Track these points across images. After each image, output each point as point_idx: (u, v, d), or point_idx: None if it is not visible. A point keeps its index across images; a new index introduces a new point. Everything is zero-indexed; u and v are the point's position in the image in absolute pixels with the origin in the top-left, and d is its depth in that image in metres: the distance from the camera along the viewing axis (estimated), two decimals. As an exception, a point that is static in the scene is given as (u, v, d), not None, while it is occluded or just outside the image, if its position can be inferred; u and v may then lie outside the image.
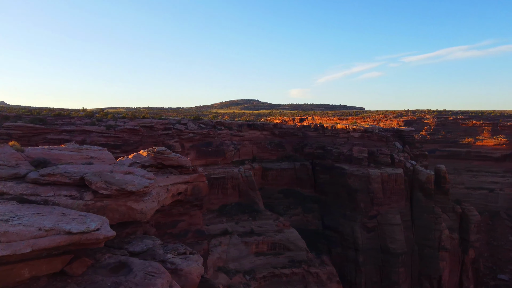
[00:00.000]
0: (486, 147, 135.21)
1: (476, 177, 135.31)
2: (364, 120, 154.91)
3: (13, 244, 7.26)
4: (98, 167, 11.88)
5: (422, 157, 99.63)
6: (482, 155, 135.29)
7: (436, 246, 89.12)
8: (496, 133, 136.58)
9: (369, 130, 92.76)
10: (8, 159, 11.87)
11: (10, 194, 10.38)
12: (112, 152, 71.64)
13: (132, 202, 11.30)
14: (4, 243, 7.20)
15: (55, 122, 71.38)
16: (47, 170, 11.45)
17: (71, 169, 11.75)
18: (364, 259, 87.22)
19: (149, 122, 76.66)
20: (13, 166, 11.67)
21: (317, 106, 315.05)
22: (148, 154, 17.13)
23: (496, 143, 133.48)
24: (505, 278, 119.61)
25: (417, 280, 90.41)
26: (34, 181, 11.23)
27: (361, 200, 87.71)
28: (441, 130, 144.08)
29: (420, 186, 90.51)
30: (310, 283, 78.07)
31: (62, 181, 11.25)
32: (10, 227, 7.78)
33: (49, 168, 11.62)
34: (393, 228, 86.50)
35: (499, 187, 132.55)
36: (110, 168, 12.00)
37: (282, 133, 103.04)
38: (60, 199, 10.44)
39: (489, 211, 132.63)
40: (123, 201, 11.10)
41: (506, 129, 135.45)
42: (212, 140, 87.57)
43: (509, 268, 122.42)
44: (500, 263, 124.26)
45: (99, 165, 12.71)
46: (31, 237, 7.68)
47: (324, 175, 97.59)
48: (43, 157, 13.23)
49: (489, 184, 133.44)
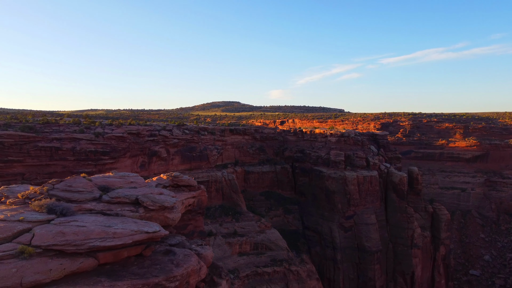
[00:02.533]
0: (458, 149, 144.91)
1: (449, 177, 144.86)
2: (342, 123, 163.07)
3: (121, 238, 13.02)
4: (141, 191, 17.79)
5: (396, 159, 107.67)
6: (455, 156, 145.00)
7: (409, 244, 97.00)
8: (468, 135, 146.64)
9: (345, 134, 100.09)
10: (86, 187, 17.66)
11: (95, 210, 16.09)
12: (100, 158, 76.44)
13: (166, 213, 17.11)
14: (116, 238, 12.97)
15: (45, 130, 75.39)
16: (113, 194, 17.28)
17: (127, 192, 17.56)
18: (341, 257, 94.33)
19: (135, 129, 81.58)
20: (90, 192, 17.48)
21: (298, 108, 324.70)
22: (167, 177, 22.87)
23: (467, 145, 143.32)
24: (477, 274, 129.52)
25: (392, 276, 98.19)
26: (107, 201, 16.94)
27: (338, 201, 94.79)
28: (416, 133, 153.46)
29: (394, 187, 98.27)
30: (291, 281, 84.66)
31: (124, 201, 17.03)
32: (116, 230, 13.56)
33: (114, 192, 17.46)
34: (368, 227, 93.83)
35: (470, 186, 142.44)
36: (149, 191, 17.91)
37: (263, 138, 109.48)
38: (125, 213, 16.15)
39: (461, 210, 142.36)
40: (161, 213, 16.92)
41: (477, 131, 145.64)
42: (196, 145, 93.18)
43: (480, 264, 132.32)
44: (472, 259, 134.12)
45: (141, 188, 18.62)
46: (128, 234, 13.43)
47: (303, 178, 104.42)
48: (105, 184, 19.03)
49: (461, 184, 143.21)
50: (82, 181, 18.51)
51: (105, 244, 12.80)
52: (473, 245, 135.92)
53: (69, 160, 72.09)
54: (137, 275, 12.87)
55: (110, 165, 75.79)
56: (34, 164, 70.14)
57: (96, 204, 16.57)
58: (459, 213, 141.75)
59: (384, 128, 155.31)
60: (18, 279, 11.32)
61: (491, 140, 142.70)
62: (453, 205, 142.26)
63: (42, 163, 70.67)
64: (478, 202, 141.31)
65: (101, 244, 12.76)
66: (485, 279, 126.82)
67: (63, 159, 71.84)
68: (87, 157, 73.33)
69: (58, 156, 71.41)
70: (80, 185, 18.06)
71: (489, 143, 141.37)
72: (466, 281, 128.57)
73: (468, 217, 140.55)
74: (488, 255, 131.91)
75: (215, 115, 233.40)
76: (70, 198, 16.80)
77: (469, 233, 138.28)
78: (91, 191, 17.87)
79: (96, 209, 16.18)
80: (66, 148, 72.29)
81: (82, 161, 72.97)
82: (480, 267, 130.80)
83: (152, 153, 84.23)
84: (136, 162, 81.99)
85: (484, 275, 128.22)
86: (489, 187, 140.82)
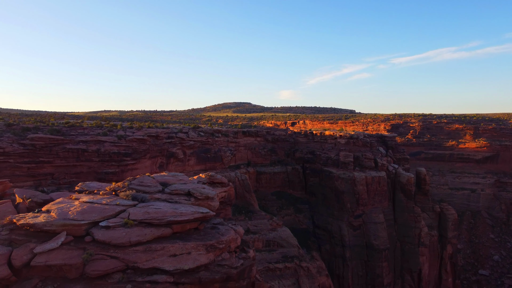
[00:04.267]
0: (468, 150, 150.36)
1: (459, 178, 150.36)
2: (353, 124, 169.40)
3: (186, 215, 19.82)
4: (190, 185, 24.79)
5: (404, 160, 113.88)
6: (465, 157, 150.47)
7: (416, 243, 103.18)
8: (478, 136, 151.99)
9: (354, 136, 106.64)
10: (152, 183, 24.79)
11: (161, 198, 23.03)
12: (123, 160, 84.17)
13: (209, 201, 23.92)
14: (183, 215, 19.79)
15: (71, 133, 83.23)
16: (171, 187, 24.32)
17: (181, 187, 24.55)
18: (350, 254, 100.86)
19: (154, 131, 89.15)
20: (156, 186, 24.53)
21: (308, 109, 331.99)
22: (205, 176, 29.87)
23: (477, 146, 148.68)
24: (486, 274, 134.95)
25: (399, 273, 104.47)
26: (169, 193, 23.87)
27: (347, 201, 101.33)
28: (426, 134, 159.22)
29: (402, 187, 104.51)
30: (301, 277, 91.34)
31: (180, 192, 23.92)
32: (181, 211, 20.45)
33: (172, 187, 24.49)
34: (376, 226, 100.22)
35: (480, 187, 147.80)
36: (195, 186, 24.92)
37: (274, 139, 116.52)
38: (181, 201, 23.02)
39: (471, 210, 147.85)
40: (206, 201, 23.72)
41: (487, 132, 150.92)
42: (211, 147, 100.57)
43: (489, 264, 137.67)
44: (481, 259, 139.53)
45: (188, 184, 25.66)
46: (190, 214, 20.23)
47: (313, 178, 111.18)
48: (163, 181, 26.13)
49: (471, 185, 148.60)
50: (149, 179, 25.64)
51: (177, 219, 19.72)
52: (482, 245, 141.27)
53: (94, 161, 79.37)
54: (198, 239, 19.71)
55: (131, 165, 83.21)
56: (62, 165, 77.32)
57: (161, 195, 23.55)
58: (469, 213, 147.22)
59: (394, 129, 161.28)
60: (127, 239, 18.28)
61: (501, 141, 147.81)
62: (463, 205, 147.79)
63: (69, 164, 77.85)
64: (488, 202, 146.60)
65: (174, 219, 19.68)
66: (494, 279, 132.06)
67: (89, 160, 79.08)
68: (110, 158, 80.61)
69: (84, 157, 78.66)
70: (148, 182, 25.16)
71: (499, 144, 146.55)
72: (476, 281, 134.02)
73: (478, 218, 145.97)
74: (497, 255, 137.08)
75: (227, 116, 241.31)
76: (144, 190, 23.86)
77: (478, 234, 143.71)
78: (156, 185, 24.90)
79: (162, 198, 23.12)
80: (92, 150, 79.70)
81: (106, 162, 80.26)
82: (490, 267, 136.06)
83: (170, 154, 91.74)
84: (155, 163, 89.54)
85: (493, 275, 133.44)
86: (499, 188, 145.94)
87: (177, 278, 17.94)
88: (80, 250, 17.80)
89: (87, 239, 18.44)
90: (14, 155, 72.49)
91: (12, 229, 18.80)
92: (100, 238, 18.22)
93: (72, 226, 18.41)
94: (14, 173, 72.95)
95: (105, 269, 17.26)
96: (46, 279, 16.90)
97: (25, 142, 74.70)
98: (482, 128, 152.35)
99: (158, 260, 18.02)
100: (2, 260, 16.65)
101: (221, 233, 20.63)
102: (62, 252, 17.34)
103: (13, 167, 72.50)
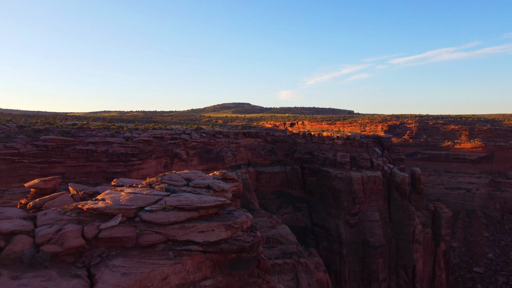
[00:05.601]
0: (463, 150, 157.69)
1: (455, 178, 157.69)
2: (351, 125, 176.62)
3: (209, 202, 26.27)
4: (208, 181, 31.39)
5: (399, 160, 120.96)
6: (460, 157, 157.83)
7: (411, 240, 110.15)
8: (473, 136, 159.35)
9: (351, 137, 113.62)
10: (178, 179, 31.51)
11: (187, 190, 29.55)
12: (130, 160, 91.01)
13: (224, 193, 30.43)
14: (207, 202, 26.27)
15: (80, 134, 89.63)
16: (194, 182, 30.95)
17: (201, 181, 31.16)
18: (347, 251, 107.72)
19: (159, 133, 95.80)
20: (181, 181, 31.20)
21: (307, 110, 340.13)
22: (219, 173, 36.57)
23: (473, 146, 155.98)
24: (480, 271, 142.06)
25: (394, 269, 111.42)
26: (192, 186, 30.41)
27: (344, 200, 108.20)
28: (422, 134, 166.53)
29: (397, 186, 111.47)
30: (300, 272, 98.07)
31: (201, 186, 30.48)
32: (205, 199, 26.95)
33: (194, 181, 31.09)
34: (372, 224, 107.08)
35: (475, 187, 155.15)
36: (212, 181, 31.58)
37: (274, 140, 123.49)
38: (203, 192, 29.52)
39: (466, 209, 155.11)
40: (222, 193, 30.18)
41: (482, 133, 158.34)
42: (213, 148, 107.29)
43: (484, 261, 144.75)
44: (476, 257, 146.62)
45: (206, 179, 32.34)
46: (212, 201, 26.62)
47: (312, 178, 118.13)
48: (187, 177, 32.82)
49: (466, 185, 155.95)
50: (176, 175, 32.39)
51: (202, 205, 26.26)
52: (477, 244, 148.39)
53: (102, 161, 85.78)
54: (218, 221, 26.18)
55: (138, 165, 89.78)
56: (72, 165, 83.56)
57: (187, 188, 30.14)
58: (464, 212, 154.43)
59: (392, 130, 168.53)
60: (167, 219, 24.82)
61: (496, 142, 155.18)
62: (458, 205, 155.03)
63: (79, 164, 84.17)
64: (483, 202, 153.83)
65: (200, 205, 26.21)
66: (488, 276, 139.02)
67: (98, 160, 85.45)
68: (118, 158, 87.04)
69: (93, 157, 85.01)
70: (176, 178, 31.84)
71: (494, 145, 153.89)
72: (470, 278, 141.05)
73: (473, 217, 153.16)
74: (491, 253, 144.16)
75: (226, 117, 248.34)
76: (173, 184, 30.51)
77: (473, 232, 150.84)
78: (181, 180, 31.53)
79: (187, 190, 29.67)
80: (100, 151, 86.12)
81: (114, 162, 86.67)
82: (484, 265, 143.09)
83: (174, 154, 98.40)
84: (160, 163, 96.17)
85: (488, 272, 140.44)
86: (494, 187, 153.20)
87: (205, 248, 24.61)
88: (132, 227, 24.37)
89: (137, 220, 25.03)
90: (28, 155, 78.64)
91: (79, 212, 25.42)
92: (147, 219, 24.78)
93: (125, 210, 25.02)
94: (28, 172, 79.13)
95: (152, 241, 23.83)
96: (110, 247, 23.40)
97: (38, 143, 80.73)
98: (477, 129, 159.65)
99: (190, 234, 24.62)
100: (78, 233, 23.20)
101: (235, 217, 27.21)
102: (120, 228, 23.89)
103: (27, 167, 78.66)
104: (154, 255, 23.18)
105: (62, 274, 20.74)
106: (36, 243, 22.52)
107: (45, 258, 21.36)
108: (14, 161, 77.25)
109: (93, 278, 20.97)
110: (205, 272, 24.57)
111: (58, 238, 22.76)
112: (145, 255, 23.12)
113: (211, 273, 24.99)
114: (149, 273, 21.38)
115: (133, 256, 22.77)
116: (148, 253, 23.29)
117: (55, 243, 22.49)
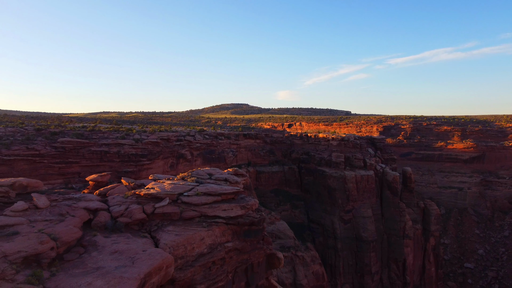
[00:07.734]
0: (456, 150, 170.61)
1: (448, 177, 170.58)
2: (347, 126, 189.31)
3: (228, 189, 37.99)
4: (225, 175, 43.29)
5: (391, 160, 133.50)
6: (453, 157, 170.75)
7: (401, 235, 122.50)
8: (465, 137, 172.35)
9: (345, 138, 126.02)
10: (203, 174, 43.47)
11: (210, 182, 41.31)
12: (140, 160, 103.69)
13: (238, 185, 42.33)
14: (228, 190, 38.01)
15: (93, 136, 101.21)
16: (215, 176, 42.85)
17: (220, 176, 43.01)
18: (341, 246, 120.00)
19: (166, 135, 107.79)
20: (206, 175, 43.06)
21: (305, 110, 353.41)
22: (232, 170, 48.68)
23: (465, 147, 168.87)
24: (471, 267, 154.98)
25: (386, 263, 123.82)
26: (214, 179, 42.18)
27: (339, 197, 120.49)
28: (416, 135, 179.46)
29: (388, 185, 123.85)
30: (297, 264, 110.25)
31: (220, 179, 42.26)
32: (225, 188, 38.63)
33: (215, 176, 43.00)
34: (365, 220, 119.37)
35: (467, 186, 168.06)
36: (229, 176, 43.57)
37: (272, 141, 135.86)
38: (222, 183, 41.08)
39: (458, 207, 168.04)
40: (235, 184, 42.14)
41: (474, 134, 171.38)
42: (215, 149, 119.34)
43: (474, 257, 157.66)
44: (467, 253, 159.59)
45: (223, 174, 44.31)
46: (230, 189, 38.28)
47: (308, 177, 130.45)
48: (208, 172, 44.85)
49: (459, 184, 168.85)
50: (201, 171, 44.50)
51: (224, 192, 38.18)
52: (468, 240, 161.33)
53: (115, 162, 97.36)
54: (235, 203, 38.10)
55: (147, 165, 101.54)
56: (87, 165, 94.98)
57: (210, 180, 42.22)
58: (456, 210, 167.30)
59: (386, 131, 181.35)
60: (200, 201, 36.68)
61: (487, 142, 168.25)
62: (450, 203, 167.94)
63: (94, 164, 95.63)
64: (474, 200, 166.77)
65: (222, 192, 38.13)
66: (479, 271, 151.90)
67: (111, 161, 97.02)
68: (129, 159, 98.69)
69: (106, 158, 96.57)
70: (201, 173, 43.95)
71: (485, 145, 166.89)
72: (461, 273, 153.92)
73: (464, 215, 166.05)
74: (482, 250, 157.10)
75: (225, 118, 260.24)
76: (200, 177, 42.63)
77: (465, 229, 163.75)
78: (205, 175, 43.58)
79: (210, 182, 41.66)
80: (113, 152, 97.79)
81: (125, 163, 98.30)
82: (474, 261, 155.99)
83: (179, 155, 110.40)
84: (167, 163, 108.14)
85: (478, 268, 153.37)
86: (485, 186, 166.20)
87: (227, 221, 36.70)
88: (176, 206, 36.30)
89: (179, 201, 37.00)
90: (47, 156, 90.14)
91: (137, 197, 37.51)
92: (186, 201, 36.76)
93: (170, 195, 37.03)
94: (48, 172, 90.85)
95: (191, 215, 35.75)
96: (162, 219, 35.26)
97: (56, 145, 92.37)
98: (469, 129, 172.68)
99: (216, 211, 36.60)
100: (140, 210, 35.18)
101: (247, 201, 39.24)
102: (169, 207, 35.82)
103: (46, 167, 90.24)
104: (193, 225, 35.21)
105: (134, 235, 32.74)
106: (112, 216, 34.50)
107: (121, 226, 33.40)
108: (35, 161, 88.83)
109: (154, 239, 32.94)
110: (227, 237, 36.69)
111: (127, 213, 34.79)
112: (187, 225, 35.12)
113: (232, 238, 37.14)
114: (192, 235, 33.42)
115: (179, 225, 34.81)
116: (189, 223, 35.25)
117: (126, 216, 34.46)
